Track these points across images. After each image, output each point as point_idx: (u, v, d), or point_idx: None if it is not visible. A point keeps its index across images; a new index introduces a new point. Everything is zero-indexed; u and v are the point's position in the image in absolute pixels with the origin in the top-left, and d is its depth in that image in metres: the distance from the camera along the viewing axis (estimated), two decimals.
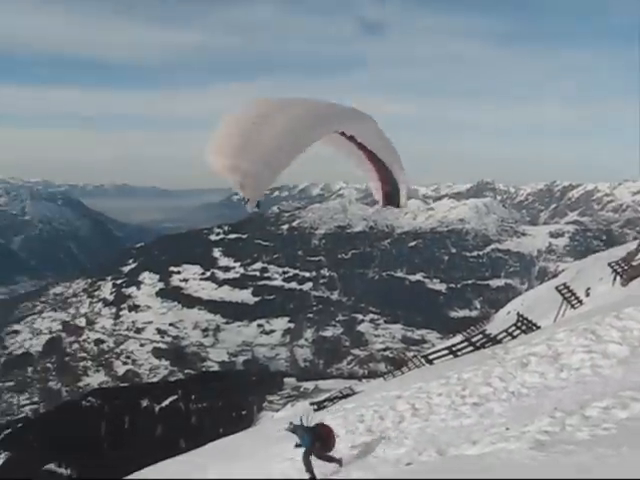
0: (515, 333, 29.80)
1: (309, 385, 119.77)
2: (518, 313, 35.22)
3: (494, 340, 29.44)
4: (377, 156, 10.80)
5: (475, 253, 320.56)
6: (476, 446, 11.13)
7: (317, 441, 13.15)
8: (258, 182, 8.78)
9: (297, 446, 13.44)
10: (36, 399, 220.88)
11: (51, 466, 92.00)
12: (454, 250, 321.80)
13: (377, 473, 12.06)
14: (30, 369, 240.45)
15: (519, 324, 31.03)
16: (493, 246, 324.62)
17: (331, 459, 13.43)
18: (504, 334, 29.91)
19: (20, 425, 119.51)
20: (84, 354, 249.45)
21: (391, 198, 11.29)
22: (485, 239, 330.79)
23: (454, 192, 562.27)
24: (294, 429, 13.37)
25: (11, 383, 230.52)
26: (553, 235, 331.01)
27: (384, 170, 10.97)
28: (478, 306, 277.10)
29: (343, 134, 10.33)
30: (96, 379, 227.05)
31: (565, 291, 39.99)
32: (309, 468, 13.19)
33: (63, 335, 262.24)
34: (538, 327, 29.98)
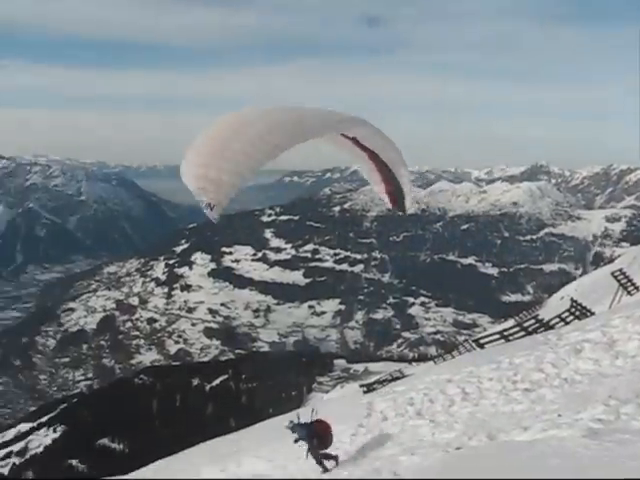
0: (568, 319, 29.33)
1: (359, 367, 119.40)
2: (572, 299, 34.66)
3: (546, 325, 29.04)
4: (379, 157, 10.92)
5: (528, 237, 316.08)
6: (527, 432, 10.99)
7: (314, 438, 13.31)
8: (224, 189, 8.92)
9: (296, 441, 13.61)
10: (90, 375, 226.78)
11: (104, 441, 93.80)
12: (507, 234, 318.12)
13: (426, 457, 11.98)
14: (85, 346, 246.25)
15: (573, 310, 30.50)
16: (547, 230, 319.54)
17: (327, 457, 13.59)
18: (557, 320, 29.47)
19: (75, 400, 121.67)
20: (137, 332, 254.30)
21: (396, 199, 11.47)
22: (539, 223, 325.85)
23: (508, 175, 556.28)
24: (293, 427, 13.54)
25: (66, 359, 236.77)
26: (609, 220, 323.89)
27: (386, 170, 11.09)
28: (531, 291, 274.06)
29: (347, 137, 10.46)
30: (148, 357, 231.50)
31: (621, 277, 39.09)
32: (319, 460, 13.56)
33: (117, 313, 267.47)
34: (592, 313, 29.44)
